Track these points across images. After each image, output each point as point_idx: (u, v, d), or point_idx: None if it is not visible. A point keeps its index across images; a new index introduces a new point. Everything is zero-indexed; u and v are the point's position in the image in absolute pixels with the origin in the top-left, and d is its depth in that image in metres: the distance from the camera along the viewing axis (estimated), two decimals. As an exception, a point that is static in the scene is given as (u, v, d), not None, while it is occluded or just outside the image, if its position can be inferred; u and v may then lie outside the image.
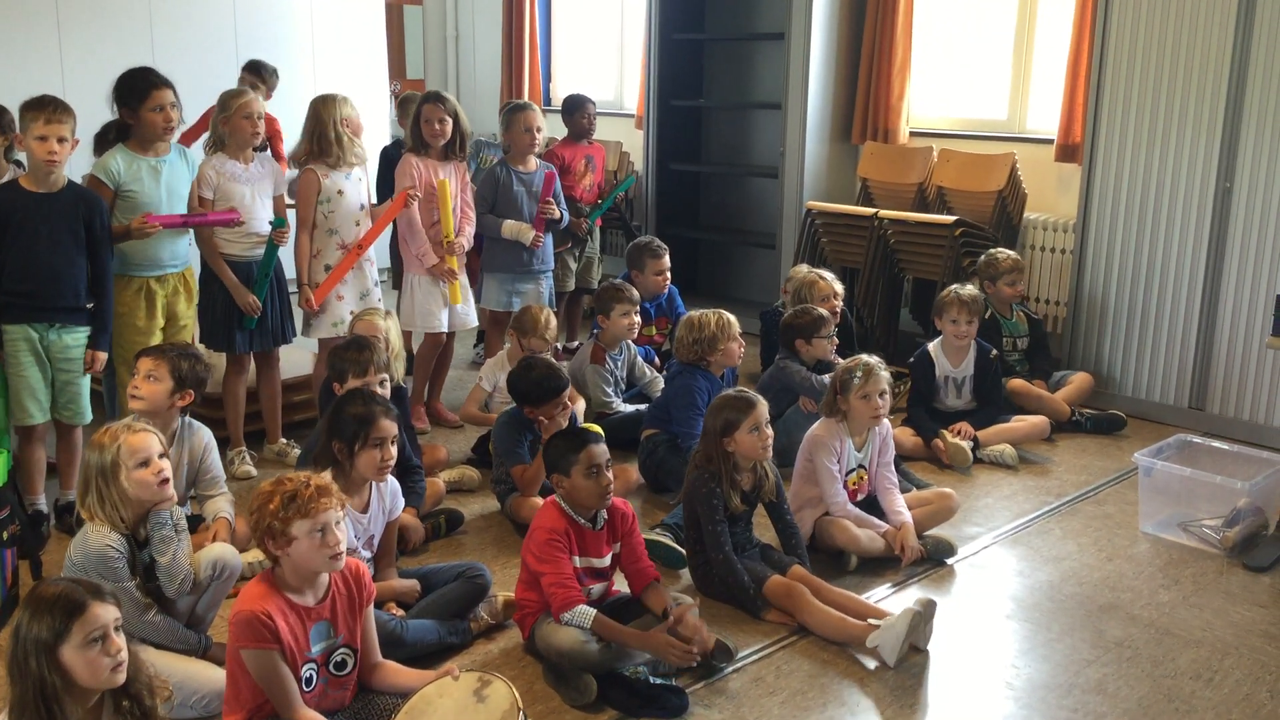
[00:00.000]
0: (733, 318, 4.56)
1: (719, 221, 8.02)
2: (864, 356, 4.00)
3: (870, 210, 6.37)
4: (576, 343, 6.04)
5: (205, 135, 4.80)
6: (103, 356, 4.04)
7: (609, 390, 5.05)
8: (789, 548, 3.68)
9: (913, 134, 6.78)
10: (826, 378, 4.29)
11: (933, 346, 5.10)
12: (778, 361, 4.81)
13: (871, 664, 3.23)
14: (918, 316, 6.56)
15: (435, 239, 5.05)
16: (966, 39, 6.72)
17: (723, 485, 3.52)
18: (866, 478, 4.04)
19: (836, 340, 4.87)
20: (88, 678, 2.19)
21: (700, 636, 3.05)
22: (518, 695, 2.59)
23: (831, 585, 3.53)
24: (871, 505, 4.00)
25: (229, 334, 4.55)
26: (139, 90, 4.14)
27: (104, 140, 4.51)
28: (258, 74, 6.52)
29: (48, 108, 3.78)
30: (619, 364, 5.15)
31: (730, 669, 3.19)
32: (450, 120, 5.01)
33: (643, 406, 5.03)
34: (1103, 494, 4.58)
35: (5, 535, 3.38)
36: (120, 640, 2.22)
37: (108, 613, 2.21)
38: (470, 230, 5.16)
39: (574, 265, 6.21)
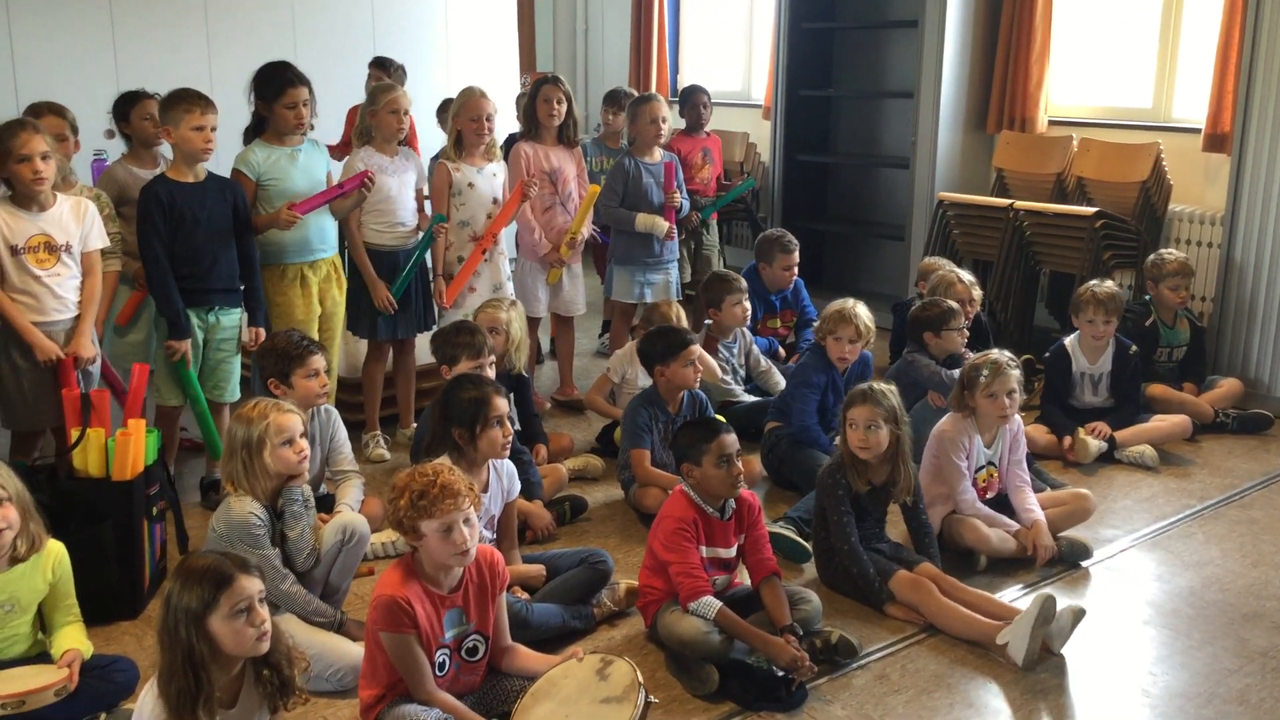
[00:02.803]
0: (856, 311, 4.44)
1: (846, 213, 7.92)
2: (994, 353, 3.90)
3: (1005, 201, 6.22)
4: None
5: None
6: (262, 332, 4.19)
7: (728, 380, 5.04)
8: (921, 546, 3.62)
9: (1051, 123, 6.58)
10: (956, 372, 4.20)
11: (1069, 342, 4.94)
12: (905, 354, 4.73)
13: (1003, 665, 3.16)
14: (1054, 311, 6.37)
15: (546, 225, 5.12)
16: (1109, 23, 6.49)
17: (849, 474, 3.49)
18: (997, 475, 3.95)
19: (967, 333, 4.76)
20: (233, 646, 2.28)
21: (806, 664, 2.99)
22: (639, 673, 2.63)
23: (962, 584, 3.46)
24: (1002, 504, 3.91)
25: (372, 322, 4.68)
26: (274, 86, 4.29)
27: (251, 137, 4.68)
28: (384, 69, 6.67)
29: (200, 100, 3.95)
30: (734, 351, 5.14)
31: (854, 665, 3.16)
32: (566, 102, 5.08)
33: (767, 397, 5.02)
34: (1249, 497, 4.38)
35: (155, 511, 3.54)
36: (264, 611, 2.32)
37: (253, 585, 2.31)
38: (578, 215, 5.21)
39: (685, 256, 6.18)
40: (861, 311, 4.40)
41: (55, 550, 2.89)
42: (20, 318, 3.61)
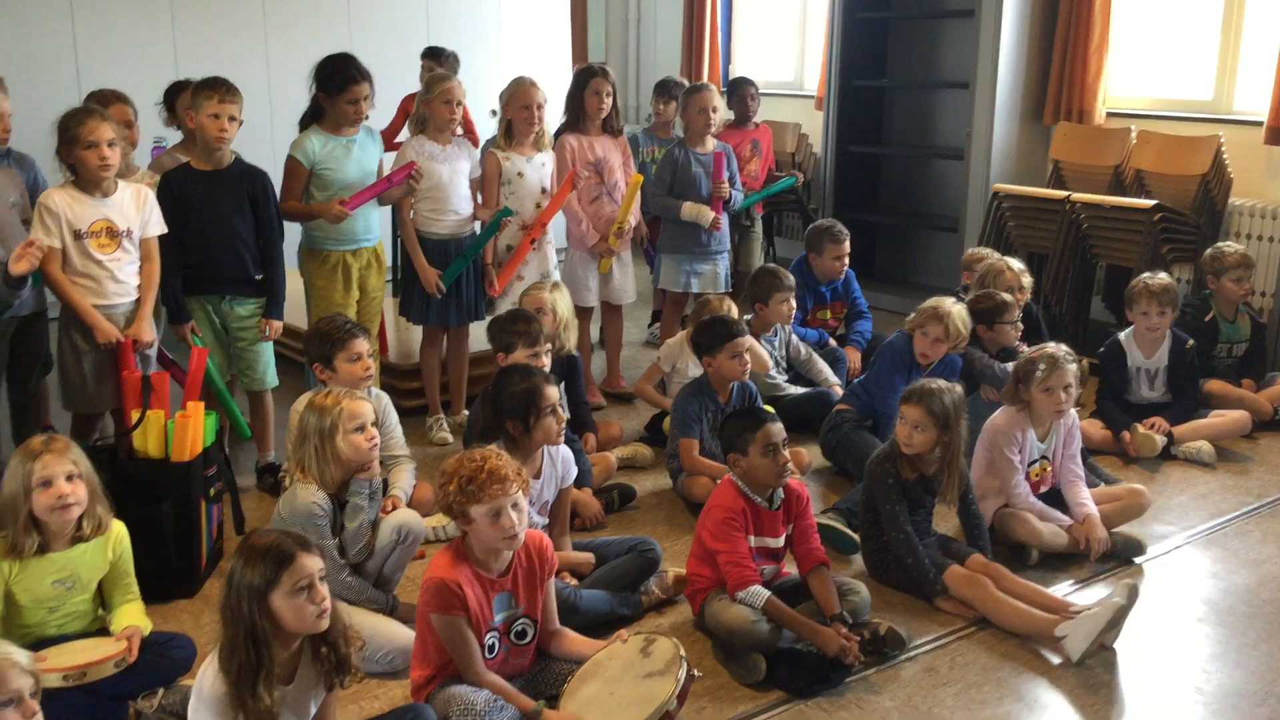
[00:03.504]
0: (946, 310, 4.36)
1: (899, 204, 7.86)
2: (1050, 347, 3.86)
3: (1062, 193, 6.14)
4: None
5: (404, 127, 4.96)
6: (278, 325, 4.22)
7: (773, 373, 5.03)
8: (972, 539, 3.60)
9: (1110, 114, 6.49)
10: (1010, 365, 4.16)
11: (1124, 336, 4.88)
12: (958, 347, 4.69)
13: (1055, 660, 3.14)
14: (1110, 305, 6.28)
15: (594, 216, 5.13)
16: (1169, 13, 6.38)
17: (898, 463, 3.47)
18: (1050, 470, 3.91)
19: (1020, 326, 4.71)
20: (294, 623, 2.32)
21: (855, 653, 3.00)
22: (681, 648, 2.65)
23: (1016, 577, 3.44)
24: (1055, 499, 3.87)
25: (424, 308, 4.73)
26: (338, 80, 4.32)
27: (308, 123, 4.73)
28: (436, 59, 6.71)
29: (221, 88, 3.97)
30: (775, 344, 5.12)
31: (903, 657, 3.15)
32: (613, 93, 5.10)
33: (814, 388, 5.02)
34: (1310, 496, 4.31)
35: (213, 492, 3.61)
36: (324, 589, 2.35)
37: (314, 563, 2.35)
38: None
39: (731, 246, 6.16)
40: (957, 313, 4.33)
41: (116, 529, 2.95)
42: (82, 300, 3.68)
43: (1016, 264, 5.04)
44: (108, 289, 3.75)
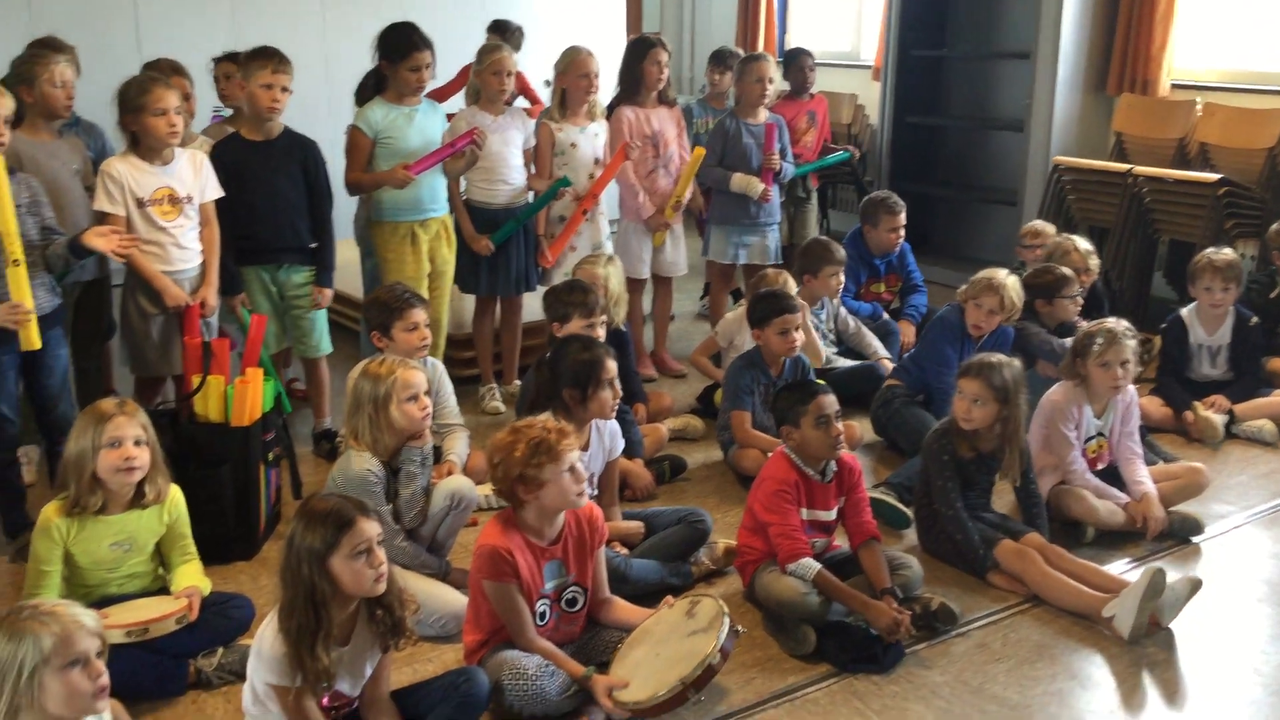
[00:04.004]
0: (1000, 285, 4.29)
1: (957, 177, 7.76)
2: (1110, 321, 3.80)
3: (1124, 166, 6.02)
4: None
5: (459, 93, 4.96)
6: (329, 293, 4.26)
7: (819, 346, 4.99)
8: (1029, 517, 3.57)
9: (1174, 86, 6.35)
10: (1068, 341, 4.10)
11: (1186, 312, 4.79)
12: (1014, 322, 4.62)
13: (1108, 638, 3.11)
14: (1172, 281, 6.16)
15: (649, 189, 5.11)
16: (1238, -17, 6.22)
17: (955, 440, 3.44)
18: (1107, 447, 3.86)
19: (1080, 302, 4.64)
20: (352, 586, 2.36)
21: (906, 627, 2.99)
22: (724, 605, 2.66)
23: (1069, 554, 3.40)
24: (1112, 477, 3.82)
25: (476, 277, 4.75)
26: (401, 48, 4.34)
27: (363, 92, 4.76)
28: (501, 33, 6.70)
29: (274, 58, 3.99)
30: (822, 317, 5.08)
31: (954, 632, 3.13)
32: (668, 65, 5.09)
33: (864, 361, 4.98)
34: (1375, 478, 4.21)
35: (271, 457, 3.66)
36: (381, 554, 2.39)
37: (372, 528, 2.38)
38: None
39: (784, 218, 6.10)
40: (1012, 284, 4.29)
41: (172, 492, 3.01)
42: (149, 266, 3.73)
43: (1084, 244, 4.94)
44: (172, 255, 3.80)
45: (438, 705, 2.52)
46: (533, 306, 5.30)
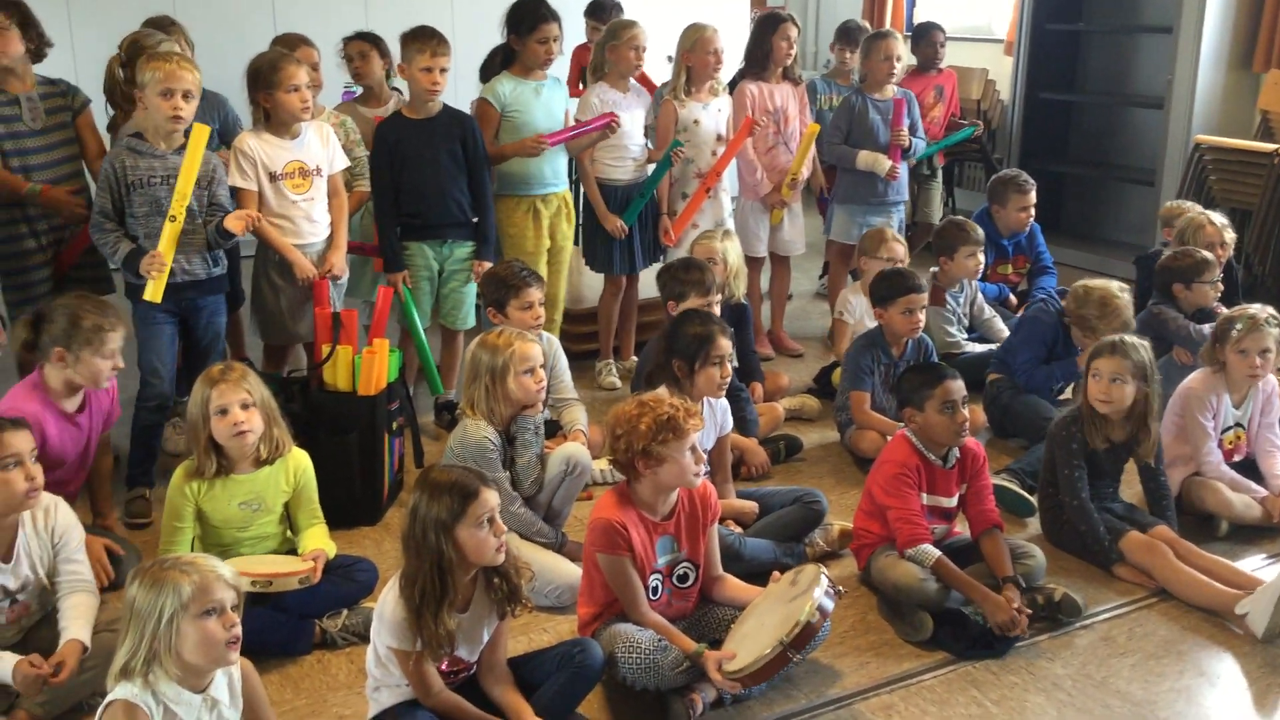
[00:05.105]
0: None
1: (1091, 155, 7.51)
2: (1253, 307, 3.65)
3: (1270, 146, 5.78)
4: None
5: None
6: (487, 266, 4.32)
7: (953, 330, 4.89)
8: (1157, 508, 3.45)
9: (1327, 61, 6.04)
10: (1207, 327, 3.94)
11: (1335, 299, 4.56)
12: (1150, 307, 4.46)
13: (1241, 636, 2.99)
14: (1319, 266, 5.88)
15: (769, 165, 5.06)
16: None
17: (1086, 429, 3.34)
18: (1245, 438, 3.71)
19: (1220, 286, 4.45)
20: (476, 554, 2.41)
21: (1022, 627, 2.92)
22: (825, 571, 2.64)
23: (1199, 549, 3.29)
24: (1249, 469, 3.68)
25: (608, 256, 4.78)
26: (529, 21, 4.39)
27: (489, 68, 4.82)
28: (599, 17, 6.64)
29: (433, 40, 4.06)
30: (960, 301, 4.97)
31: (1077, 624, 3.05)
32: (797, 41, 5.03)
33: (991, 346, 4.86)
34: None
35: (395, 426, 3.75)
36: (502, 524, 2.44)
37: (494, 498, 2.43)
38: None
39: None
40: (1125, 302, 4.07)
41: (298, 457, 3.11)
42: (281, 239, 3.86)
43: (1219, 218, 4.74)
44: (302, 228, 3.91)
45: (553, 674, 2.56)
46: (646, 281, 5.32)
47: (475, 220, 4.29)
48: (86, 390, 3.22)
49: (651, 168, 4.80)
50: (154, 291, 3.46)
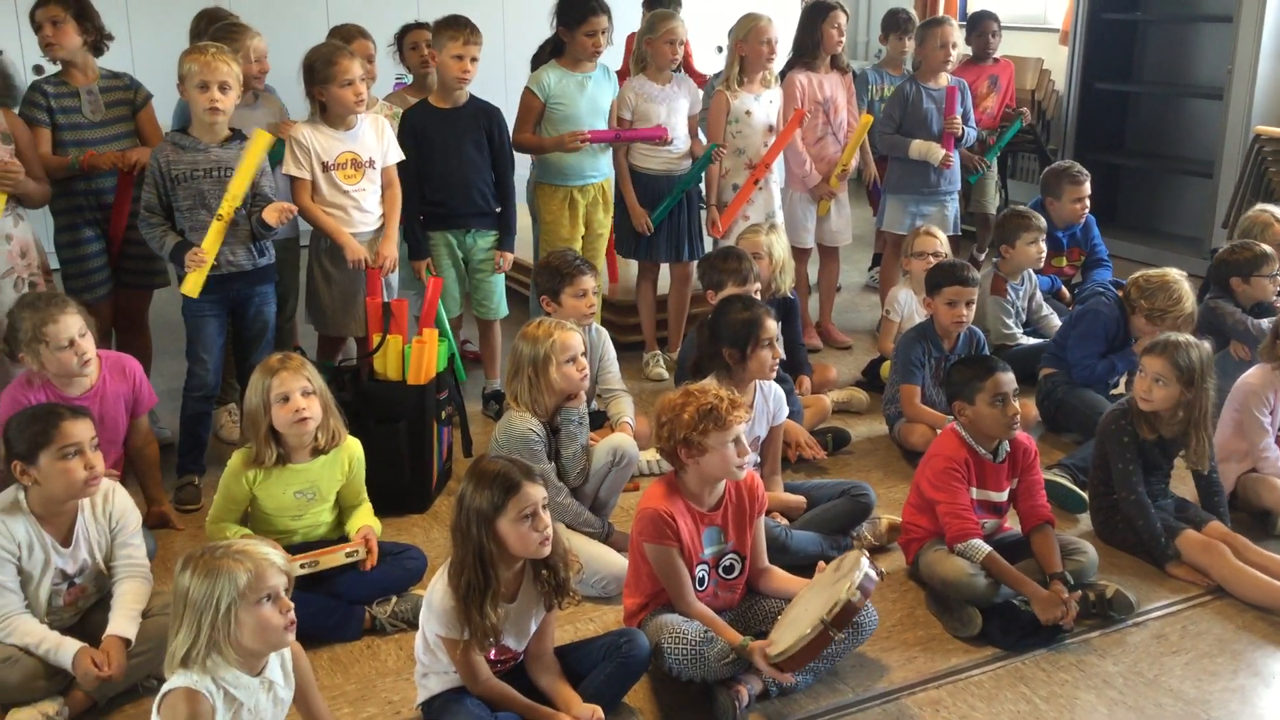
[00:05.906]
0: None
1: (1147, 147, 7.39)
2: (1313, 301, 3.57)
3: (1333, 137, 5.63)
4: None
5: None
6: (510, 257, 4.36)
7: (1010, 322, 4.84)
8: (1210, 505, 3.40)
9: (1394, 51, 5.89)
10: (1265, 322, 3.87)
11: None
12: (1208, 301, 4.38)
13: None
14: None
15: (817, 156, 5.03)
16: None
17: (1136, 421, 3.30)
18: (1304, 435, 3.64)
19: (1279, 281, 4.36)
20: (518, 547, 2.43)
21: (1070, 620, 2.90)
22: (867, 553, 2.63)
23: (1256, 546, 3.24)
24: (1308, 466, 3.60)
25: (636, 243, 4.79)
26: (578, 13, 4.40)
27: (540, 60, 4.82)
28: (654, 6, 6.62)
29: (465, 28, 4.07)
30: (1020, 294, 4.91)
31: (1129, 621, 3.02)
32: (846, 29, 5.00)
33: (1044, 340, 4.80)
34: None
35: (444, 415, 3.79)
36: (547, 517, 2.45)
37: (538, 492, 2.44)
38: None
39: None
40: (1188, 290, 4.01)
41: (352, 446, 3.15)
42: (331, 222, 3.89)
43: None
44: (354, 218, 3.95)
45: (599, 663, 2.57)
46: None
47: (499, 210, 4.31)
48: (101, 373, 3.27)
49: (688, 164, 4.77)
50: (190, 286, 3.52)
